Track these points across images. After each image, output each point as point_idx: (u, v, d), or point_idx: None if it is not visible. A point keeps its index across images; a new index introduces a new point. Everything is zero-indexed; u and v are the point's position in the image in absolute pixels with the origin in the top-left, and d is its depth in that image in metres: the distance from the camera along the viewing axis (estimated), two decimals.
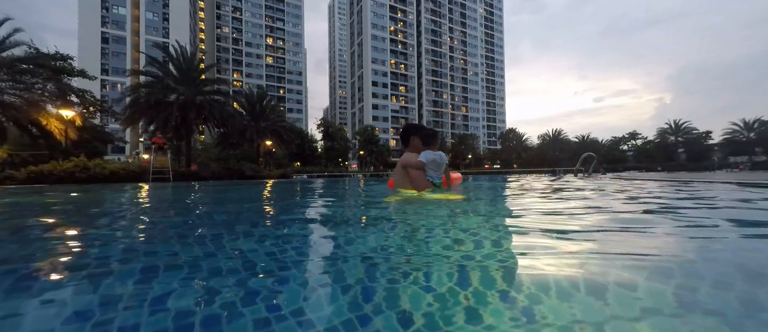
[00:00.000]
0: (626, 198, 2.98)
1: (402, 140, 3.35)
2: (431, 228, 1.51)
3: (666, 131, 61.32)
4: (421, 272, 0.86)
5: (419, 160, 2.98)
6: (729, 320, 0.60)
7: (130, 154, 46.82)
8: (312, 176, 30.93)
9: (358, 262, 0.96)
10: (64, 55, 20.99)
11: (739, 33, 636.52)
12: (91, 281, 0.85)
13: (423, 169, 3.00)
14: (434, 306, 0.64)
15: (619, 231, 1.49)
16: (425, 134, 3.22)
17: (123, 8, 54.95)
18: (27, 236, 1.64)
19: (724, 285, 0.78)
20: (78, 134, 21.03)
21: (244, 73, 76.33)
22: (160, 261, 1.05)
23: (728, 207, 2.36)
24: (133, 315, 0.64)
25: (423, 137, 3.20)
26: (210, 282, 0.80)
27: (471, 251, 1.09)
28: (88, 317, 0.63)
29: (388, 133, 70.44)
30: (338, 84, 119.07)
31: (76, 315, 0.65)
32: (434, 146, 3.21)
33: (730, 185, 4.48)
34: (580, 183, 6.06)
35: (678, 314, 0.63)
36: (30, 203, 3.81)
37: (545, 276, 0.82)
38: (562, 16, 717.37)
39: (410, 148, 3.25)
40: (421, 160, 2.98)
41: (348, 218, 1.96)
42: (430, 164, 3.04)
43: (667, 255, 1.05)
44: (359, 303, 0.66)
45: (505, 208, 2.47)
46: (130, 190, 6.61)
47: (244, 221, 1.94)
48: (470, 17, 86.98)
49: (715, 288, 0.76)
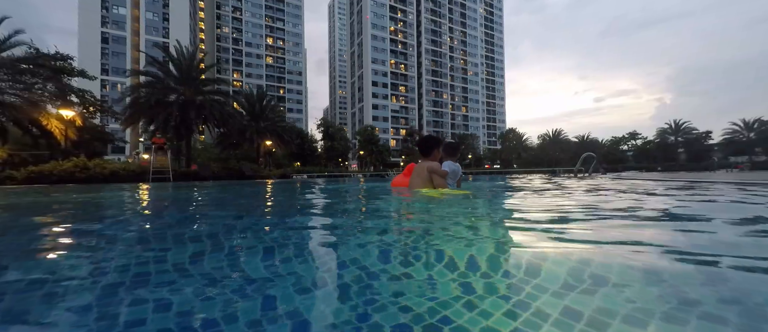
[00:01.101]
0: (625, 197, 2.99)
1: (421, 150, 3.62)
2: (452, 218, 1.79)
3: (666, 131, 61.29)
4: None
5: (444, 169, 3.46)
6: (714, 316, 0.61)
7: (130, 154, 46.81)
8: (312, 176, 30.93)
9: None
10: (64, 55, 20.99)
11: (739, 33, 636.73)
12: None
13: (445, 177, 3.46)
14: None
15: (615, 227, 1.49)
16: (448, 145, 3.70)
17: (123, 8, 54.93)
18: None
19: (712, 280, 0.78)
20: (78, 134, 21.04)
21: (244, 73, 76.29)
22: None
23: (715, 201, 2.35)
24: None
25: (446, 149, 3.67)
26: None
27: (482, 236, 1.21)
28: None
29: (388, 133, 70.43)
30: (338, 84, 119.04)
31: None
32: (455, 157, 3.70)
33: (725, 186, 4.48)
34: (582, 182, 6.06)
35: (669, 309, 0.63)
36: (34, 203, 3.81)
37: (535, 259, 0.83)
38: (562, 16, 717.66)
39: (431, 157, 3.58)
40: (446, 170, 3.47)
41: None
42: (451, 174, 3.53)
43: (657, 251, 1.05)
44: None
45: (504, 203, 2.58)
46: (132, 190, 6.61)
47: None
48: (470, 17, 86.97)
49: (705, 286, 0.76)
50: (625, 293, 0.71)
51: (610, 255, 1.04)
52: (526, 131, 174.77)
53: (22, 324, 0.63)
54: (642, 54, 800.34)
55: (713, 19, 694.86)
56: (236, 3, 76.75)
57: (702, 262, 0.95)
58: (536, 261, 0.94)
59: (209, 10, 74.05)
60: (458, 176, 3.66)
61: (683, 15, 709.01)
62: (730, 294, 0.72)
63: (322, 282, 0.81)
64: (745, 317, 0.61)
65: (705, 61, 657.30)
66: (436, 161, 3.55)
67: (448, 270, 0.86)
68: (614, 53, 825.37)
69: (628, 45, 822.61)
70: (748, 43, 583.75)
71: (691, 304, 0.67)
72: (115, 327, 0.59)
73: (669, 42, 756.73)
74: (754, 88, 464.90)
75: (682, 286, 0.75)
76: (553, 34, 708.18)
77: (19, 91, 16.69)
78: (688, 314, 0.62)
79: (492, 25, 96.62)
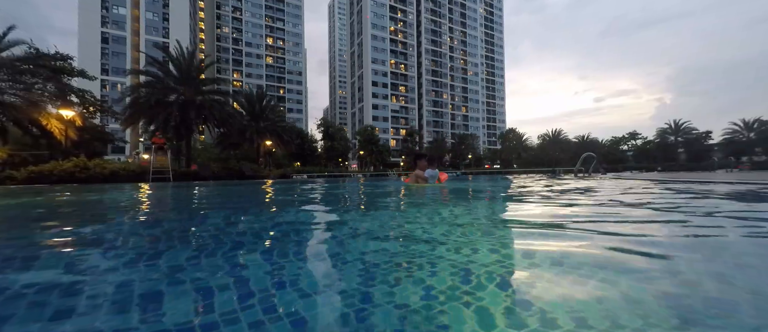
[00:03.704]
0: (624, 195, 2.99)
1: (412, 161, 6.38)
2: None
3: (666, 131, 61.24)
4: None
5: (425, 175, 5.86)
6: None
7: (130, 154, 46.82)
8: (312, 177, 30.91)
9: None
10: (64, 55, 21.00)
11: (739, 33, 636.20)
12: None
13: (426, 179, 5.89)
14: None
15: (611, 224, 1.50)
16: (430, 158, 6.22)
17: (123, 8, 54.93)
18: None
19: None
20: (78, 134, 21.03)
21: (244, 73, 76.26)
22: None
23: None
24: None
25: (428, 160, 6.12)
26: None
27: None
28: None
29: (388, 133, 70.41)
30: (338, 84, 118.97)
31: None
32: (433, 166, 6.04)
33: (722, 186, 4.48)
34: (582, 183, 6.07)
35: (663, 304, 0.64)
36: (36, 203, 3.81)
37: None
38: (562, 16, 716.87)
39: (419, 166, 6.00)
40: (425, 175, 5.87)
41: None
42: (430, 177, 5.88)
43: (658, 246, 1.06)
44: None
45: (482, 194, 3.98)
46: (133, 191, 6.62)
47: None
48: (470, 17, 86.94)
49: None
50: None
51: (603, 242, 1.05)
52: (526, 131, 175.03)
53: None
54: (642, 54, 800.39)
55: (713, 19, 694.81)
56: (236, 3, 76.72)
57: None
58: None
59: (209, 10, 74.03)
60: (436, 177, 5.91)
61: (683, 15, 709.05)
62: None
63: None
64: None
65: (705, 61, 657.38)
66: (423, 169, 5.91)
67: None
68: (614, 53, 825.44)
69: (628, 45, 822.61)
70: (748, 43, 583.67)
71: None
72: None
73: (669, 42, 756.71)
74: (754, 88, 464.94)
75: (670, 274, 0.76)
76: (553, 34, 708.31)
77: (19, 91, 16.69)
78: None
79: (492, 25, 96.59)
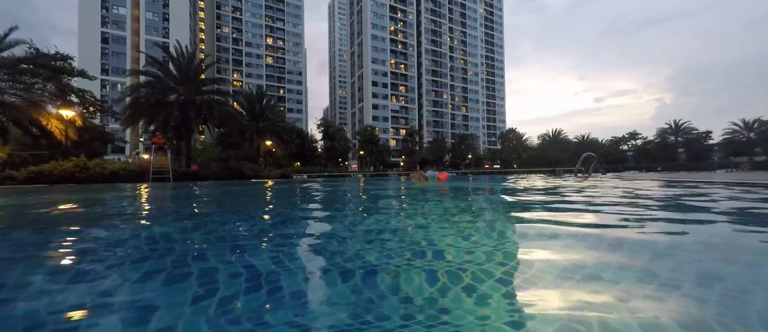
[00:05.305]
0: (622, 194, 2.99)
1: (420, 165, 7.99)
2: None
3: (666, 131, 61.20)
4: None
5: (427, 175, 7.24)
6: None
7: (130, 154, 46.82)
8: (312, 177, 30.90)
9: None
10: (64, 55, 20.99)
11: (739, 33, 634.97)
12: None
13: (427, 179, 7.26)
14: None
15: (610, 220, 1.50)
16: (431, 162, 7.07)
17: (123, 8, 54.91)
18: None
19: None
20: (78, 134, 21.03)
21: (244, 73, 76.26)
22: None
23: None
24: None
25: (430, 163, 7.50)
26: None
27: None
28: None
29: (388, 133, 70.39)
30: (338, 84, 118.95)
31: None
32: (434, 167, 6.97)
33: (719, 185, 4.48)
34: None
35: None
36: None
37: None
38: (562, 16, 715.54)
39: (425, 169, 7.50)
40: (427, 176, 7.24)
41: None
42: (430, 177, 7.20)
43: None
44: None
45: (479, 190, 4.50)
46: (132, 191, 6.62)
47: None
48: (470, 17, 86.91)
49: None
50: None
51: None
52: (526, 131, 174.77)
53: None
54: (642, 54, 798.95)
55: (713, 19, 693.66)
56: (236, 3, 76.72)
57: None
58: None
59: (209, 10, 74.02)
60: (436, 177, 7.24)
61: (683, 15, 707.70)
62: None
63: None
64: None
65: (705, 61, 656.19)
66: (424, 171, 7.38)
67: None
68: (614, 53, 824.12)
69: (628, 45, 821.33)
70: (748, 43, 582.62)
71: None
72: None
73: (669, 42, 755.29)
74: (754, 88, 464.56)
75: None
76: (553, 34, 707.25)
77: (20, 91, 16.69)
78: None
79: (492, 25, 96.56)
